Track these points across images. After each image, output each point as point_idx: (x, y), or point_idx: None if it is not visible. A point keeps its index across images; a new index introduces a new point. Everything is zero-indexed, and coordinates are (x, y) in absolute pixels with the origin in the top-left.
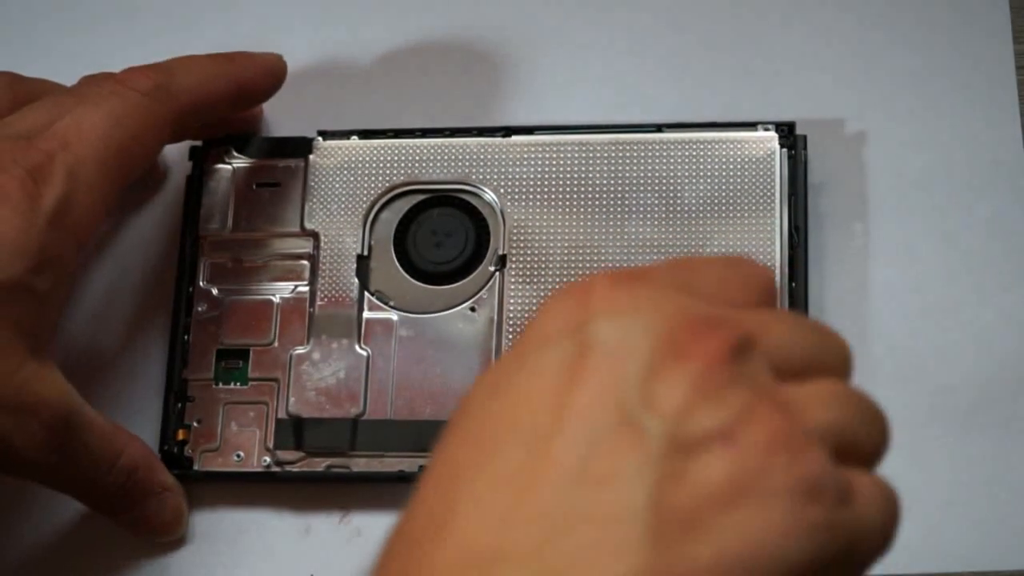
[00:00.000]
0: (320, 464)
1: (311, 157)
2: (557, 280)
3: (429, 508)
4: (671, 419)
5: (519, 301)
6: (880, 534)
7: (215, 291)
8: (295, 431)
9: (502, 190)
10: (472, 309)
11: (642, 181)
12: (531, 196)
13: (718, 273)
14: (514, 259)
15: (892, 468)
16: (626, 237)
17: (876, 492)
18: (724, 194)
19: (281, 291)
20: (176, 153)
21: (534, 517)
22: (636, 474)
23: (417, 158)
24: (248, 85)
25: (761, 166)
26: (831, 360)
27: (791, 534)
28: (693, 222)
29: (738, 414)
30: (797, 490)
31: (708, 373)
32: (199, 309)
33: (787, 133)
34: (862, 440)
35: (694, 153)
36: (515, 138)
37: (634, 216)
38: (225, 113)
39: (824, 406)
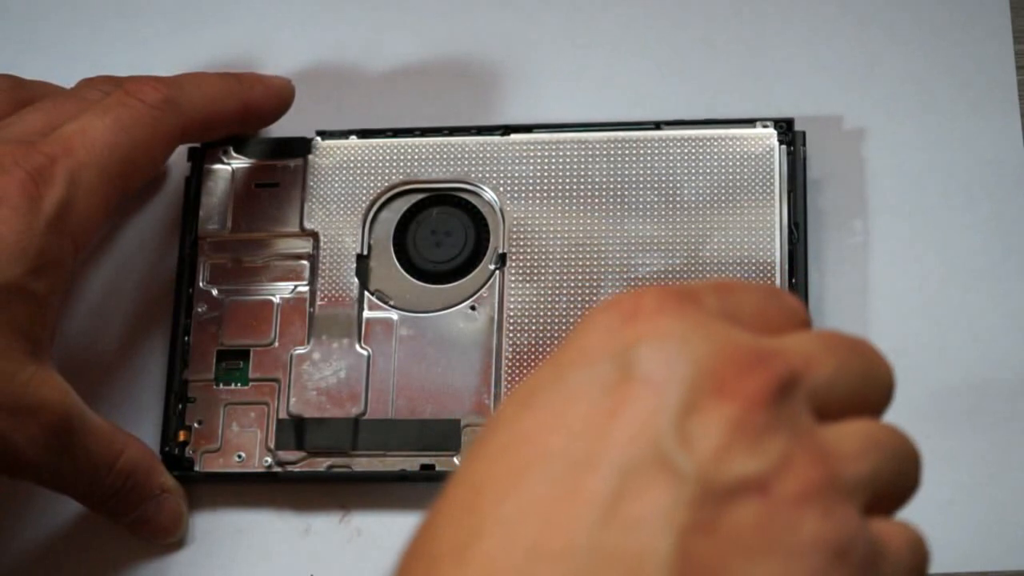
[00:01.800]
0: (321, 464)
1: (310, 157)
2: (557, 278)
3: (453, 527)
4: (706, 462)
5: (519, 299)
6: (905, 568)
7: (215, 292)
8: (296, 431)
9: (501, 188)
10: (472, 308)
11: (642, 178)
12: (530, 194)
13: (759, 299)
14: (514, 257)
15: None
16: (626, 234)
17: (905, 546)
18: (723, 191)
19: (281, 291)
20: (175, 154)
21: (560, 553)
22: (666, 518)
23: (416, 157)
24: (255, 106)
25: (760, 163)
26: (874, 391)
27: None
28: (692, 219)
29: (774, 463)
30: (826, 549)
31: (748, 416)
32: (199, 310)
33: (786, 130)
34: (896, 486)
35: (693, 150)
36: (514, 136)
37: (634, 213)
38: (230, 131)
39: (862, 455)
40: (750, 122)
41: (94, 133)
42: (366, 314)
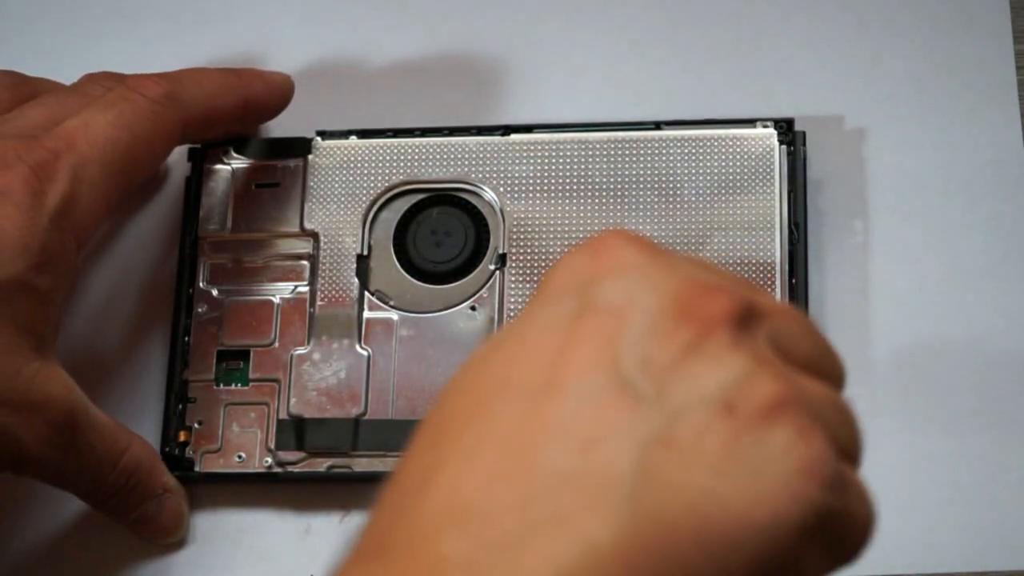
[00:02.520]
0: (322, 464)
1: (310, 157)
2: None
3: (419, 460)
4: (666, 381)
5: (519, 300)
6: (864, 530)
7: (215, 292)
8: (296, 432)
9: (502, 189)
10: (472, 308)
11: (642, 178)
12: (531, 194)
13: (726, 272)
14: (514, 257)
15: (893, 468)
16: None
17: (863, 491)
18: (723, 191)
19: (281, 291)
20: (175, 154)
21: (519, 474)
22: (626, 437)
23: (416, 157)
24: (255, 102)
25: (760, 163)
26: (830, 368)
27: (782, 510)
28: (692, 219)
29: (738, 379)
30: (794, 465)
31: (709, 336)
32: (199, 310)
33: (786, 130)
34: (853, 445)
35: (693, 150)
36: (514, 136)
37: (634, 213)
38: (231, 128)
39: (823, 398)
40: (750, 122)
41: (96, 128)
42: (366, 314)
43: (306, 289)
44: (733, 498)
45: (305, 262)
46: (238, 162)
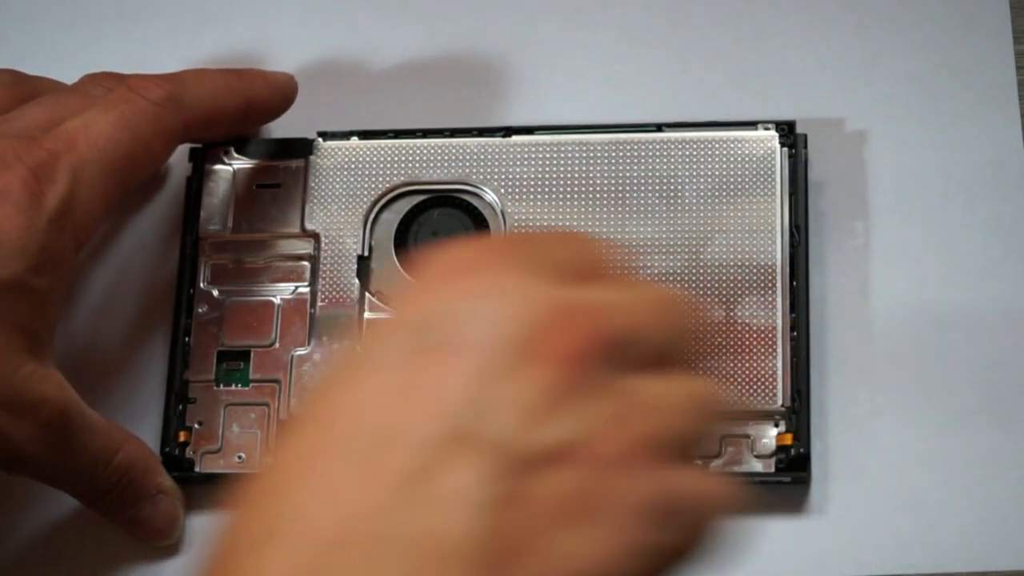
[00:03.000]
0: None
1: (311, 158)
2: None
3: (257, 515)
4: (510, 432)
5: None
6: (718, 511)
7: (216, 292)
8: None
9: (503, 190)
10: None
11: (643, 181)
12: (532, 196)
13: (559, 249)
14: None
15: (893, 468)
16: (627, 236)
17: (718, 488)
18: (725, 193)
19: (282, 292)
20: (176, 154)
21: (360, 539)
22: (467, 495)
23: (417, 158)
24: (257, 102)
25: (761, 165)
26: (685, 345)
27: (622, 558)
28: (693, 221)
29: (585, 427)
30: (633, 511)
31: (556, 374)
32: (200, 310)
33: (787, 132)
34: (697, 436)
35: (694, 152)
36: (515, 138)
37: (635, 216)
38: (233, 128)
39: (673, 406)
40: (751, 124)
41: (96, 129)
42: (367, 315)
43: (307, 290)
44: (579, 551)
45: (306, 263)
46: (239, 162)
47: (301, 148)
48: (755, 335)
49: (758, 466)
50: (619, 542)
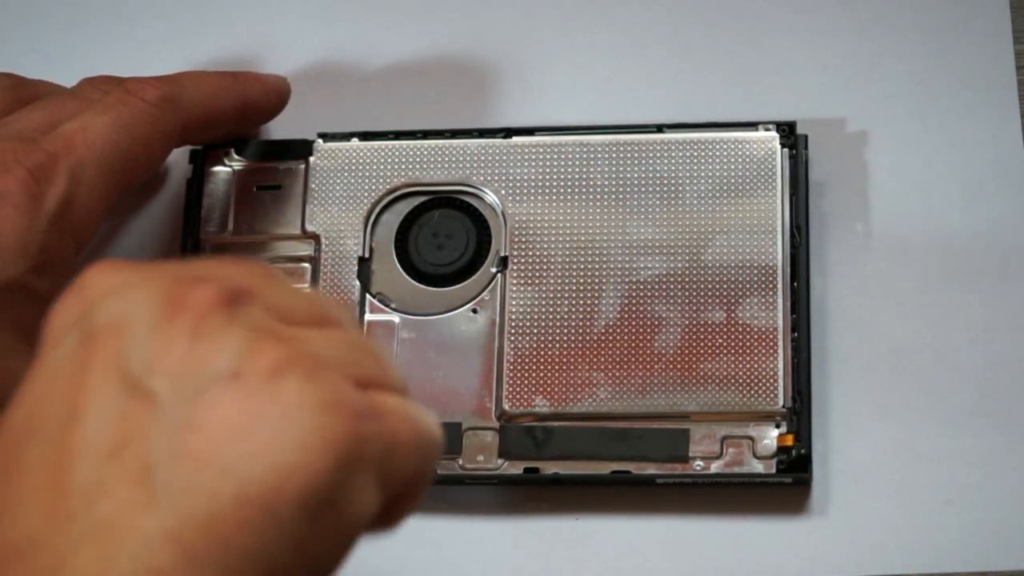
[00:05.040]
0: None
1: (311, 159)
2: (559, 281)
3: None
4: (175, 372)
5: (521, 302)
6: (412, 446)
7: None
8: None
9: (503, 191)
10: (474, 311)
11: (644, 181)
12: (532, 197)
13: (215, 262)
14: (516, 260)
15: (893, 468)
16: (628, 237)
17: (403, 410)
18: (725, 193)
19: None
20: (177, 156)
21: (59, 503)
22: (148, 435)
23: (418, 160)
24: (253, 104)
25: (762, 166)
26: (337, 316)
27: (312, 449)
28: (694, 221)
29: (241, 351)
30: (312, 405)
31: (203, 320)
32: None
33: (788, 133)
34: (375, 373)
35: (695, 153)
36: (516, 139)
37: (636, 216)
38: (229, 130)
39: (332, 343)
40: (752, 125)
41: (95, 130)
42: (367, 317)
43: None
44: (262, 452)
45: (306, 264)
46: (239, 164)
47: (301, 149)
48: (756, 336)
49: (759, 467)
50: (296, 436)
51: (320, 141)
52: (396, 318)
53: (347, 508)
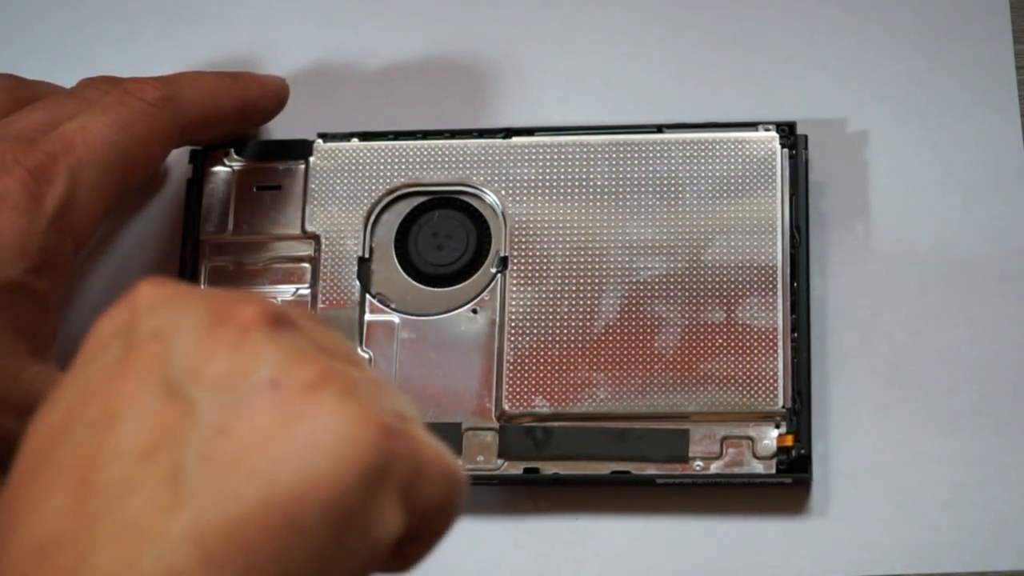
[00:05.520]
0: None
1: (311, 159)
2: (559, 281)
3: None
4: (216, 381)
5: (521, 302)
6: (440, 475)
7: None
8: None
9: (503, 191)
10: (474, 311)
11: (643, 181)
12: (532, 197)
13: (256, 295)
14: (516, 261)
15: (893, 468)
16: (628, 237)
17: (433, 444)
18: (725, 194)
19: (282, 294)
20: (176, 156)
21: (85, 501)
22: (183, 438)
23: (418, 160)
24: (251, 104)
25: (762, 166)
26: (362, 364)
27: (342, 462)
28: (694, 222)
29: (282, 364)
30: (347, 419)
31: (247, 334)
32: None
33: (788, 133)
34: (408, 412)
35: (695, 153)
36: (516, 139)
37: (636, 216)
38: (227, 130)
39: (366, 378)
40: (752, 125)
41: (94, 131)
42: (367, 317)
43: (307, 292)
44: (292, 458)
45: (306, 264)
46: (239, 164)
47: (301, 150)
48: (756, 336)
49: (759, 467)
50: (331, 436)
51: (320, 141)
52: (396, 318)
53: (370, 525)
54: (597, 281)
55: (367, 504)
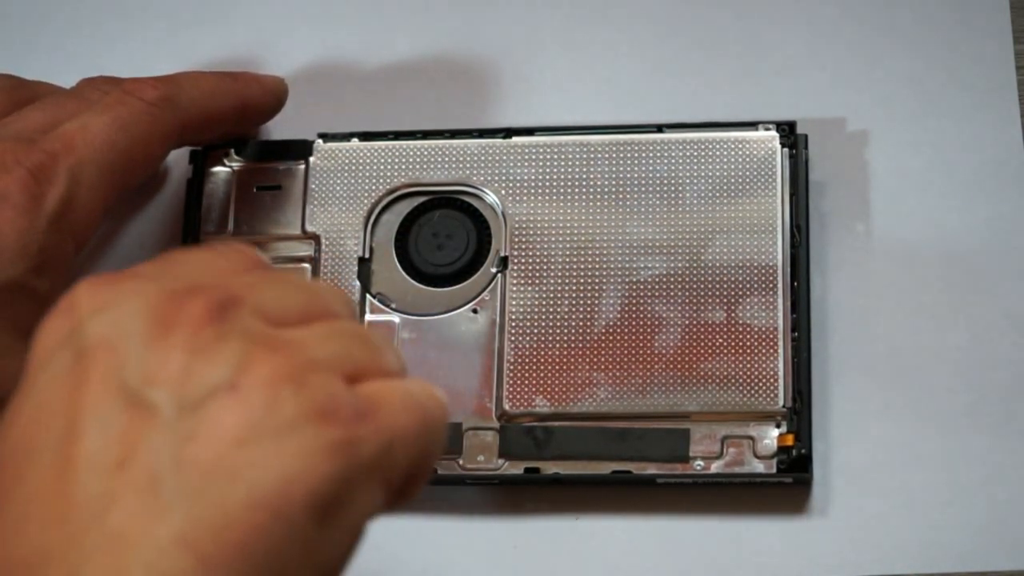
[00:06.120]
0: None
1: (311, 159)
2: (559, 281)
3: None
4: (174, 385)
5: (521, 302)
6: (415, 434)
7: None
8: None
9: (503, 191)
10: (474, 311)
11: (644, 181)
12: (533, 197)
13: (202, 258)
14: (516, 260)
15: (893, 468)
16: (628, 237)
17: (400, 397)
18: (725, 193)
19: None
20: (177, 156)
21: (67, 515)
22: (153, 445)
23: (418, 160)
24: (251, 104)
25: (762, 166)
26: (328, 307)
27: (313, 456)
28: (694, 221)
29: (236, 363)
30: (309, 414)
31: (197, 334)
32: None
33: (788, 132)
34: (369, 362)
35: (695, 153)
36: (516, 139)
37: (636, 216)
38: (227, 130)
39: (323, 339)
40: (752, 125)
41: (94, 130)
42: (368, 317)
43: None
44: (266, 459)
45: (306, 264)
46: (239, 164)
47: (301, 150)
48: (756, 336)
49: (759, 467)
50: (298, 447)
51: (320, 141)
52: (396, 318)
53: (353, 506)
54: (597, 281)
55: (346, 489)
